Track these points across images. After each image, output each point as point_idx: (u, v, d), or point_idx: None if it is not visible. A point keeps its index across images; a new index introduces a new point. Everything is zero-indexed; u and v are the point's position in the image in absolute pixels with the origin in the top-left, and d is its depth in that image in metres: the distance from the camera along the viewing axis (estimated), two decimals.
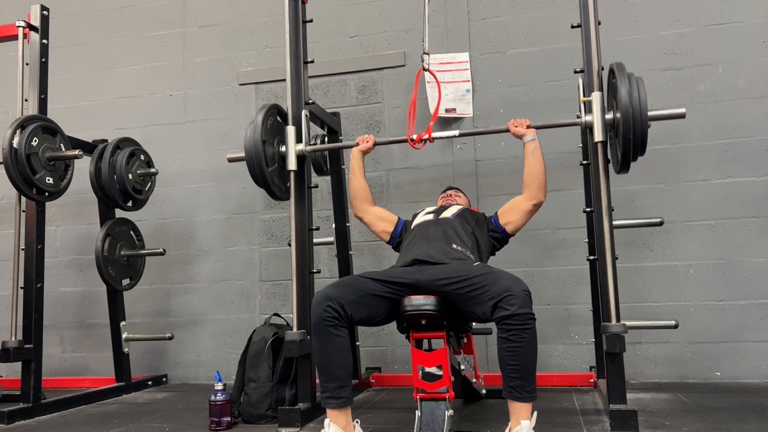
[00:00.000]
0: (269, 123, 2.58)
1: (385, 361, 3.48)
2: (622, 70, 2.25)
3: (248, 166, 2.53)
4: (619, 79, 2.22)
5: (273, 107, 2.64)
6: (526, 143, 2.41)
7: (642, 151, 2.25)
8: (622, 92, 2.19)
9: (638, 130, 2.18)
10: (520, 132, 2.44)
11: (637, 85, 2.20)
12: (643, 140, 2.21)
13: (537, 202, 2.38)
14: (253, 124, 2.53)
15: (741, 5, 3.21)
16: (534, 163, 2.38)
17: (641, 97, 2.18)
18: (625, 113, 2.18)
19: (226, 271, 3.77)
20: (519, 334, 1.84)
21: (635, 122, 2.17)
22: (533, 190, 2.38)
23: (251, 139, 2.51)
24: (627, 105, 2.17)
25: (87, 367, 3.88)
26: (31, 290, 2.95)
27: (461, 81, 3.45)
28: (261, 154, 2.50)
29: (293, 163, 2.59)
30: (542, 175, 2.38)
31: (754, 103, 3.16)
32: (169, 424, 2.60)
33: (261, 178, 2.54)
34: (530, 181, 2.38)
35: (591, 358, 3.10)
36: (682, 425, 2.24)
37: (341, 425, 1.99)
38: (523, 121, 2.46)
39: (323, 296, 2.01)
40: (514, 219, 2.42)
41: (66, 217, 4.01)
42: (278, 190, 2.63)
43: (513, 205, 2.44)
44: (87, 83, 4.08)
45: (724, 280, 3.12)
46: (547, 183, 2.40)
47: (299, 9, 2.73)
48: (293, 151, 2.59)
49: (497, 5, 3.52)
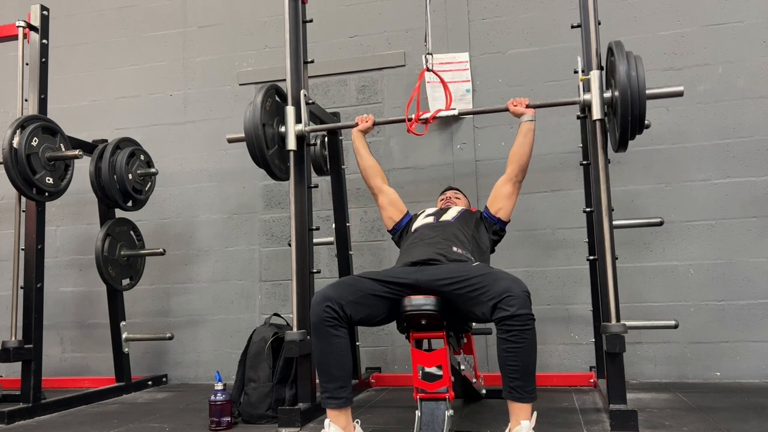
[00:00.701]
0: (268, 104, 2.59)
1: (385, 361, 3.48)
2: (621, 48, 2.26)
3: (248, 147, 2.54)
4: (618, 57, 2.23)
5: (272, 87, 2.65)
6: (523, 122, 2.44)
7: (640, 129, 2.27)
8: (621, 70, 2.19)
9: (636, 108, 2.19)
10: (519, 111, 2.47)
11: (636, 63, 2.21)
12: (641, 118, 2.22)
13: (516, 180, 2.43)
14: (252, 104, 2.54)
15: (741, 5, 3.21)
16: (524, 143, 2.42)
17: (639, 75, 2.19)
18: (624, 91, 2.18)
19: (226, 271, 3.77)
20: (519, 334, 1.84)
21: (633, 100, 2.18)
22: (514, 168, 2.43)
23: (251, 120, 2.52)
24: (625, 83, 2.18)
25: (87, 367, 3.88)
26: (31, 290, 2.94)
27: (461, 81, 3.45)
28: (261, 135, 2.51)
29: (293, 143, 2.60)
30: (527, 156, 2.43)
31: (754, 103, 3.16)
32: (169, 424, 2.60)
33: (261, 159, 2.56)
34: (514, 159, 2.43)
35: (591, 358, 3.10)
36: (682, 425, 2.24)
37: (341, 425, 1.99)
38: (523, 100, 2.48)
39: (322, 296, 2.01)
40: (503, 204, 2.45)
41: (66, 217, 4.01)
42: (278, 170, 2.65)
43: (496, 192, 2.47)
44: (87, 83, 4.08)
45: (724, 280, 3.12)
46: (528, 165, 2.45)
47: (299, 9, 2.73)
48: (293, 131, 2.60)
49: (497, 5, 3.52)
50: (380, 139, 3.61)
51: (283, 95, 2.70)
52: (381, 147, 3.59)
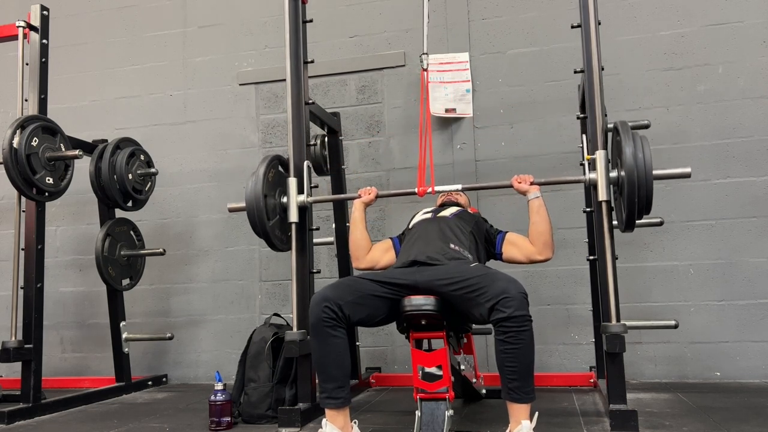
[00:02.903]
0: (270, 175, 2.57)
1: (385, 361, 3.48)
2: (626, 129, 2.22)
3: (249, 217, 2.51)
4: (624, 138, 2.18)
5: (275, 158, 2.63)
6: (530, 200, 2.36)
7: (648, 210, 2.21)
8: (627, 152, 2.15)
9: (643, 190, 2.14)
10: (523, 188, 2.39)
11: (642, 144, 2.16)
12: (648, 200, 2.17)
13: (544, 258, 2.35)
14: (254, 176, 2.52)
15: (741, 5, 3.21)
16: (540, 221, 2.33)
17: (646, 157, 2.14)
18: (630, 174, 2.13)
19: (226, 271, 3.77)
20: (516, 336, 1.84)
21: (640, 182, 2.13)
22: (539, 247, 2.34)
23: (252, 191, 2.49)
24: (632, 165, 2.13)
25: (87, 367, 3.88)
26: (31, 290, 2.94)
27: (461, 81, 3.45)
28: (262, 207, 2.48)
29: (294, 215, 2.56)
30: (548, 233, 2.32)
31: (754, 103, 3.16)
32: (169, 424, 2.60)
33: (262, 230, 2.52)
34: (536, 239, 2.34)
35: (591, 358, 3.10)
36: (682, 425, 2.24)
37: (339, 425, 1.99)
38: (527, 177, 2.40)
39: (321, 297, 2.01)
40: (515, 256, 2.40)
41: (66, 217, 4.01)
42: (279, 242, 2.60)
43: (524, 245, 2.38)
44: (87, 83, 4.08)
45: (724, 280, 3.12)
46: (553, 240, 2.35)
47: (299, 9, 2.73)
48: (294, 202, 2.57)
49: (497, 5, 3.52)
50: (380, 139, 3.61)
51: (286, 165, 2.66)
52: (381, 147, 3.59)
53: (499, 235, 2.45)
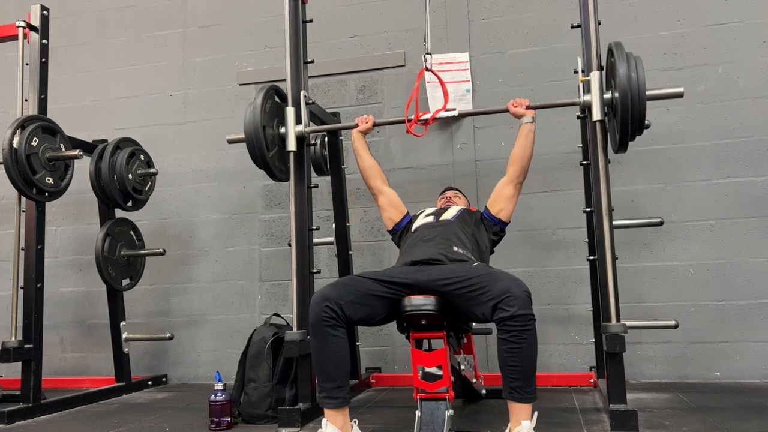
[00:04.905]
0: (268, 105, 2.59)
1: (385, 361, 3.48)
2: (621, 49, 2.25)
3: (248, 148, 2.54)
4: (618, 58, 2.22)
5: (272, 88, 2.65)
6: (523, 124, 2.45)
7: (640, 130, 2.26)
8: (621, 72, 2.19)
9: (636, 109, 2.19)
10: (519, 112, 2.48)
11: (636, 64, 2.20)
12: (641, 119, 2.22)
13: (517, 182, 2.44)
14: (252, 105, 2.53)
15: (741, 5, 3.21)
16: (525, 145, 2.43)
17: (639, 77, 2.19)
18: (624, 92, 2.18)
19: (226, 271, 3.77)
20: (519, 335, 1.84)
21: (633, 101, 2.18)
22: (516, 170, 2.43)
23: (251, 122, 2.51)
24: (625, 84, 2.17)
25: (87, 367, 3.88)
26: (31, 290, 2.94)
27: (461, 81, 3.45)
28: (261, 137, 2.51)
29: (293, 144, 2.60)
30: (528, 158, 2.44)
31: (754, 103, 3.16)
32: (169, 424, 2.60)
33: (262, 160, 2.56)
34: (515, 160, 2.44)
35: (591, 358, 3.10)
36: (682, 425, 2.24)
37: (338, 425, 1.99)
38: (523, 101, 2.49)
39: (321, 296, 2.01)
40: (504, 206, 2.45)
41: (66, 217, 4.01)
42: (279, 171, 2.65)
43: (498, 193, 2.47)
44: (87, 83, 4.08)
45: (724, 280, 3.12)
46: (529, 167, 2.46)
47: (299, 9, 2.73)
48: (293, 132, 2.60)
49: (497, 5, 3.52)
50: (380, 139, 3.61)
51: (283, 96, 2.70)
52: (381, 147, 3.59)
53: (485, 212, 2.49)
